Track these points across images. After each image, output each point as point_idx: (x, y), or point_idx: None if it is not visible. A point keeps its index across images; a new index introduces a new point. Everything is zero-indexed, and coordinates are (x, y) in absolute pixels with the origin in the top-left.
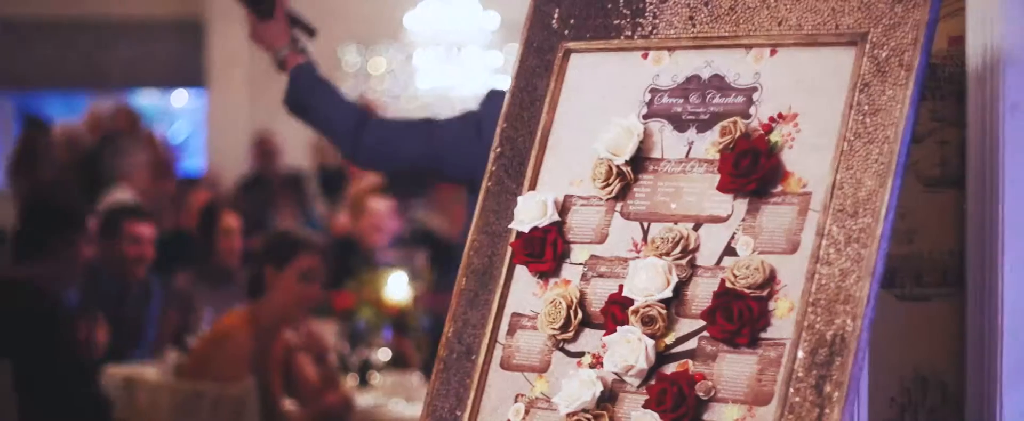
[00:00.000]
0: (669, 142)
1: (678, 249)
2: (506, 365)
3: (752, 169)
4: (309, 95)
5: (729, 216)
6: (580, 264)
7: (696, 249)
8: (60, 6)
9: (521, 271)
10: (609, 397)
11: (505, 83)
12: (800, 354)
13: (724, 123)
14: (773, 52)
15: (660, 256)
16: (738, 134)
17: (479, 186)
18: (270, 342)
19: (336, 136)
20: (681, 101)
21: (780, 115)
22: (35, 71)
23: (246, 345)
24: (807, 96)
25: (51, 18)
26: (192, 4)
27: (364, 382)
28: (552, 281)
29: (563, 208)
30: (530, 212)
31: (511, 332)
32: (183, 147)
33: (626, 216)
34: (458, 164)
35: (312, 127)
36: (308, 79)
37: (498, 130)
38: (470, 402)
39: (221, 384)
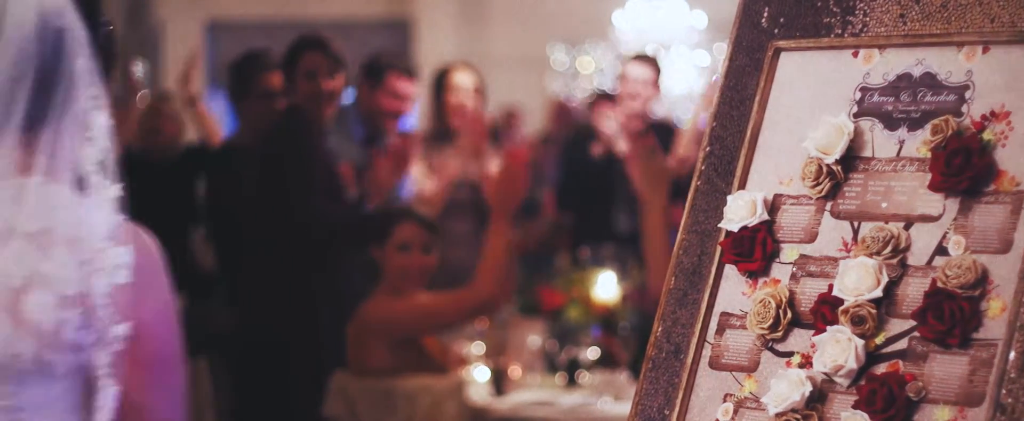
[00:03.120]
0: (880, 141)
1: (889, 248)
2: (715, 364)
3: (964, 168)
4: None
5: (941, 215)
6: (789, 263)
7: (907, 248)
8: (273, 7)
9: (730, 270)
10: (818, 397)
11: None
12: (1012, 355)
13: (936, 121)
14: (986, 49)
15: (870, 255)
16: (950, 132)
17: None
18: (394, 318)
19: None
20: (892, 99)
21: (992, 113)
22: None
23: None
24: (1020, 94)
25: (265, 19)
26: (401, 4)
27: (572, 381)
28: (761, 280)
29: (772, 207)
30: (739, 211)
31: (720, 331)
32: None
33: (836, 215)
34: None
35: None
36: None
37: (707, 129)
38: (678, 401)
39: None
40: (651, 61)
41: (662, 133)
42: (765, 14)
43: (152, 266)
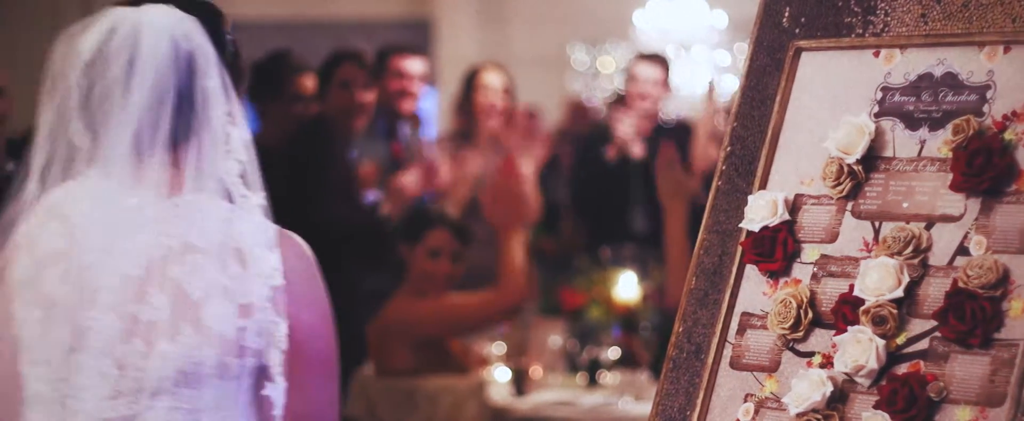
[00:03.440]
0: (901, 141)
1: (910, 248)
2: (735, 364)
3: (985, 168)
4: None
5: (962, 215)
6: (810, 263)
7: (928, 248)
8: (292, 8)
9: (751, 270)
10: (839, 397)
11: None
12: None
13: (957, 121)
14: (1007, 49)
15: (891, 255)
16: (971, 132)
17: None
18: (419, 319)
19: None
20: (913, 99)
21: (1014, 113)
22: None
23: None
24: None
25: (284, 19)
26: (421, 4)
27: (593, 381)
28: (782, 280)
29: (793, 207)
30: (760, 211)
31: (741, 331)
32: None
33: (857, 215)
34: None
35: None
36: None
37: (728, 129)
38: (699, 401)
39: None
40: (660, 60)
41: (682, 135)
42: (786, 14)
43: (306, 269)
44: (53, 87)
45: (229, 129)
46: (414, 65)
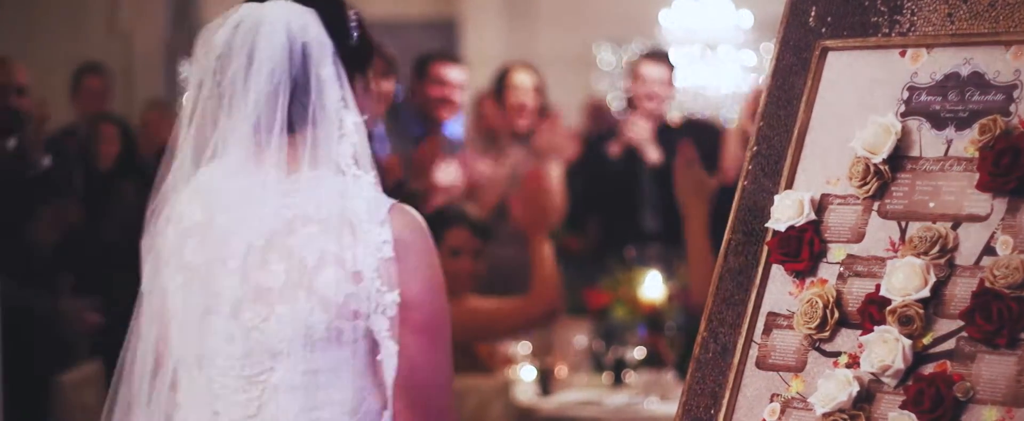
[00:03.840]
0: (927, 140)
1: (936, 248)
2: (762, 364)
3: (1012, 167)
4: None
5: (988, 215)
6: (837, 263)
7: (955, 248)
8: None
9: (777, 270)
10: (865, 397)
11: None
12: None
13: (983, 121)
14: None
15: (918, 255)
16: (998, 132)
17: None
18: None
19: None
20: (939, 99)
21: None
22: None
23: None
24: None
25: None
26: (447, 3)
27: (619, 380)
28: (808, 280)
29: (820, 207)
30: (787, 211)
31: (767, 331)
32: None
33: (883, 215)
34: None
35: None
36: None
37: (755, 128)
38: (725, 401)
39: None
40: (665, 59)
41: (708, 135)
42: (812, 13)
43: (417, 240)
44: (193, 78)
45: (343, 113)
46: (456, 73)
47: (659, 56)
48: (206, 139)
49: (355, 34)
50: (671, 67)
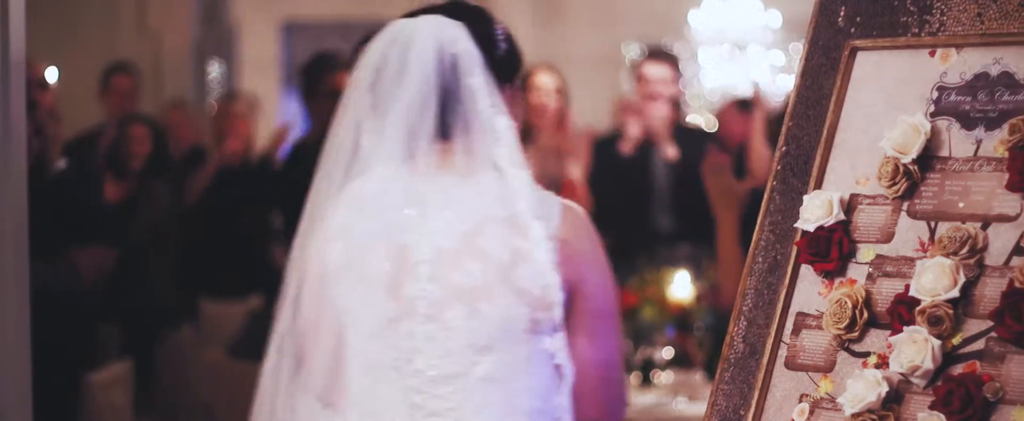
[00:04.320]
0: (957, 140)
1: (966, 248)
2: (791, 365)
3: None
4: None
5: (1018, 215)
6: (866, 263)
7: (984, 248)
8: (348, 7)
9: (806, 270)
10: (895, 398)
11: (789, 81)
12: None
13: (1013, 121)
14: None
15: (947, 255)
16: None
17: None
18: None
19: None
20: (969, 99)
21: None
22: None
23: None
24: None
25: (340, 19)
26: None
27: (647, 380)
28: (837, 280)
29: (849, 207)
30: (816, 211)
31: (796, 331)
32: None
33: (913, 215)
34: None
35: None
36: None
37: (784, 129)
38: (754, 402)
39: None
40: (669, 58)
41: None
42: (842, 13)
43: (585, 233)
44: (347, 90)
45: (494, 119)
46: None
47: (662, 56)
48: (360, 151)
49: (503, 46)
50: (675, 66)
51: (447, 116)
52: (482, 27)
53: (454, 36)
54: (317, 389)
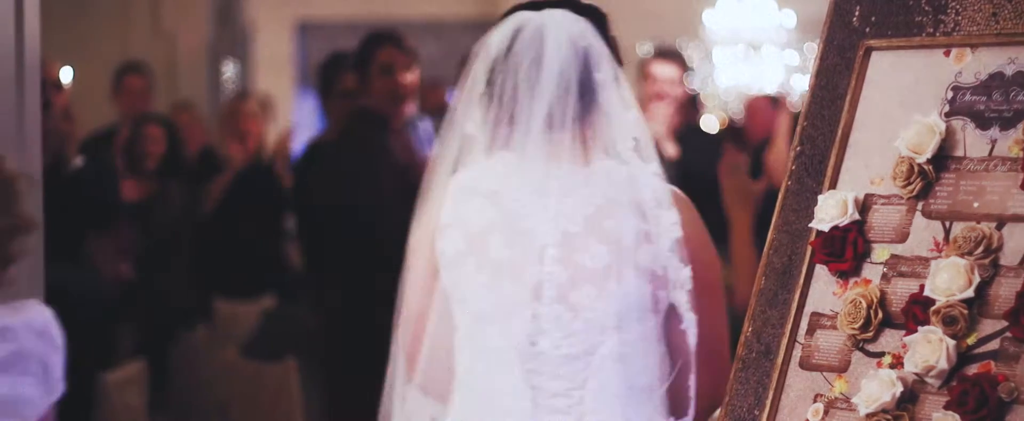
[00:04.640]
0: (971, 140)
1: (981, 248)
2: (805, 364)
3: None
4: None
5: None
6: (880, 263)
7: (999, 248)
8: (363, 8)
9: (821, 270)
10: (909, 398)
11: (805, 81)
12: None
13: None
14: None
15: (962, 255)
16: None
17: None
18: None
19: None
20: (984, 99)
21: None
22: None
23: None
24: None
25: (355, 19)
26: (491, 4)
27: None
28: (852, 280)
29: (863, 207)
30: (830, 211)
31: (810, 331)
32: None
33: (927, 215)
34: None
35: None
36: None
37: (798, 128)
38: (768, 401)
39: None
40: (676, 57)
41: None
42: (856, 13)
43: (696, 218)
44: (467, 81)
45: (622, 110)
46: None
47: (669, 54)
48: (468, 141)
49: (614, 42)
50: (682, 65)
51: (579, 107)
52: (602, 23)
53: (582, 30)
54: (420, 379)
